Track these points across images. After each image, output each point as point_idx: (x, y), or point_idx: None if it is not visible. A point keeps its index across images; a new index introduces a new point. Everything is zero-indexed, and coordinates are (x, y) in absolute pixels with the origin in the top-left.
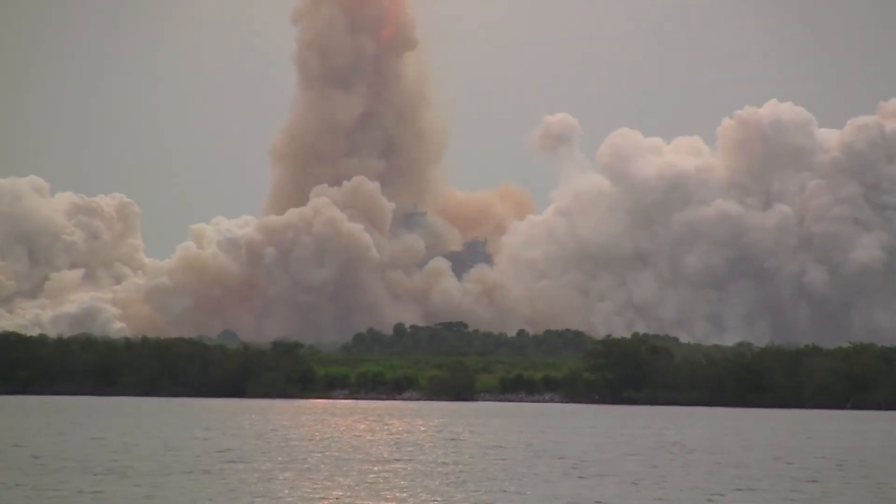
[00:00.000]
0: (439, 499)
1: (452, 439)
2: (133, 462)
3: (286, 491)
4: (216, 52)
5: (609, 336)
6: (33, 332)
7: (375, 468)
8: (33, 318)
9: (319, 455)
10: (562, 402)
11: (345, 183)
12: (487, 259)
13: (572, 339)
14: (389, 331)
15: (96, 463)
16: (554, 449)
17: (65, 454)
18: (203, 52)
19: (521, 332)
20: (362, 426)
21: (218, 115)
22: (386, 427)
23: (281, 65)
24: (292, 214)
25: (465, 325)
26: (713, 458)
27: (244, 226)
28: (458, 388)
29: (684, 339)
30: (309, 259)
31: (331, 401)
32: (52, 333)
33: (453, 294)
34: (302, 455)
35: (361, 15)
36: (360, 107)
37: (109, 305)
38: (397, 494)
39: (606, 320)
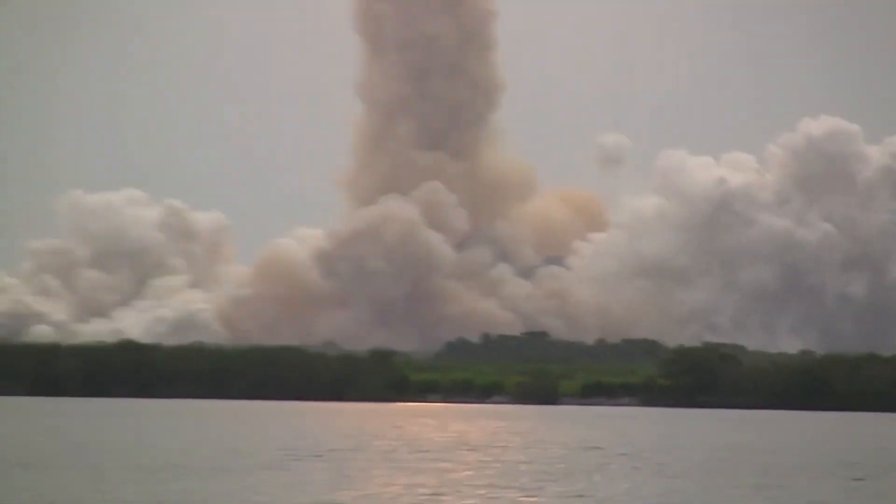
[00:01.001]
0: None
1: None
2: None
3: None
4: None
5: (681, 346)
6: (132, 333)
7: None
8: (133, 320)
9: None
10: (638, 406)
11: (413, 193)
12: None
13: (647, 347)
14: (472, 338)
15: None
16: (615, 450)
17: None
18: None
19: (600, 341)
20: (423, 427)
21: (311, 124)
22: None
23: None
24: (361, 221)
25: (547, 334)
26: (753, 458)
27: (325, 237)
28: (542, 392)
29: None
30: (382, 269)
31: (424, 405)
32: (152, 336)
33: (524, 300)
34: (343, 457)
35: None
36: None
37: (209, 307)
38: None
39: (670, 329)
